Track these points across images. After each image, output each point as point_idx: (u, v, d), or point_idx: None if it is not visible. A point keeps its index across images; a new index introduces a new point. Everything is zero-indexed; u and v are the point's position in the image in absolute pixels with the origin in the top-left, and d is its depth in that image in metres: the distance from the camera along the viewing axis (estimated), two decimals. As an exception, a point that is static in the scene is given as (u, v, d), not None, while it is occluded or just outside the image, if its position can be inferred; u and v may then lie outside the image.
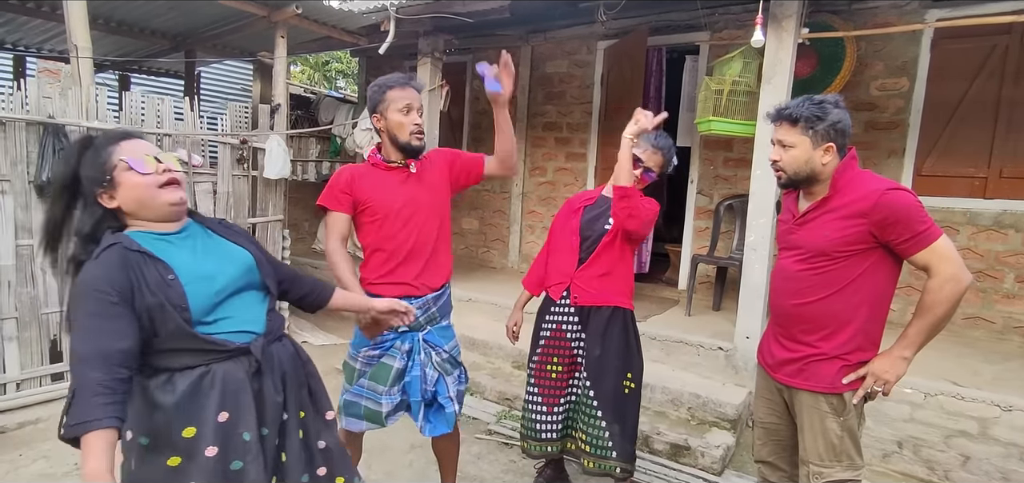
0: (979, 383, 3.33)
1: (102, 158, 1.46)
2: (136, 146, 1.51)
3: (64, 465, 3.13)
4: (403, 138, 2.25)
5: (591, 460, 2.57)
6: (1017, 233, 4.21)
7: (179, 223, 1.56)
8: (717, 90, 4.02)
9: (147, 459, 1.46)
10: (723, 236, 5.12)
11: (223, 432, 1.47)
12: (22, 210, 3.41)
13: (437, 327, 2.40)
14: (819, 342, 1.95)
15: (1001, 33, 4.06)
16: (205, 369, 1.47)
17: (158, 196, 1.48)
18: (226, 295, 1.53)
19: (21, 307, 3.46)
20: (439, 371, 2.36)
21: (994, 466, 3.11)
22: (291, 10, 4.40)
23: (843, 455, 1.94)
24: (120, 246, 1.41)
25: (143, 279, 1.39)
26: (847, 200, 1.89)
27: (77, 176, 1.46)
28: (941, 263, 1.81)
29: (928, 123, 4.46)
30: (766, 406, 2.19)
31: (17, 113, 3.32)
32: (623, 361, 2.57)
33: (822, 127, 1.88)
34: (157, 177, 1.48)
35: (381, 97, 2.26)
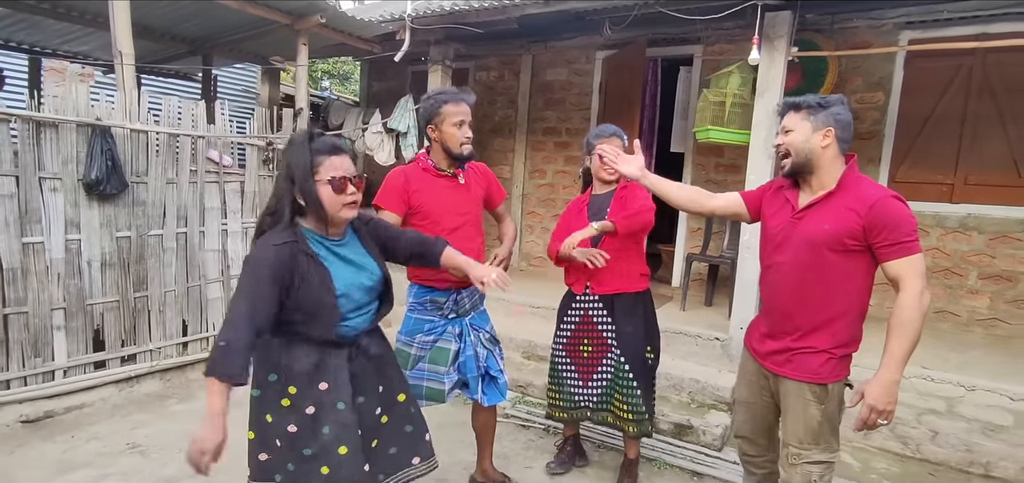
0: (947, 368, 3.74)
1: (313, 164, 1.75)
2: (340, 163, 1.79)
3: (117, 445, 3.35)
4: (455, 149, 2.55)
5: (633, 426, 2.91)
6: (980, 235, 4.66)
7: (342, 232, 1.88)
8: (716, 101, 4.38)
9: (268, 391, 1.82)
10: (715, 236, 5.49)
11: (321, 398, 1.81)
12: (71, 207, 3.61)
13: (478, 312, 2.76)
14: (808, 335, 2.07)
15: (966, 55, 4.50)
16: (318, 350, 1.81)
17: (340, 213, 1.80)
18: (361, 302, 1.87)
19: (69, 298, 3.65)
20: (487, 348, 2.72)
21: (959, 440, 3.51)
22: (315, 19, 4.65)
23: (821, 439, 2.09)
24: (295, 245, 1.73)
25: (304, 278, 1.72)
26: (850, 197, 2.01)
27: (295, 167, 1.75)
28: (912, 278, 1.91)
29: (901, 134, 4.89)
30: (749, 388, 2.36)
31: (68, 115, 3.52)
32: (645, 335, 2.94)
33: (822, 114, 2.04)
34: (346, 198, 1.78)
35: (437, 110, 2.54)
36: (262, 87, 6.88)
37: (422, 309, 2.65)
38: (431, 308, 2.63)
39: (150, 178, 3.98)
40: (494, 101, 7.10)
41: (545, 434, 3.75)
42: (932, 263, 4.82)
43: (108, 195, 3.73)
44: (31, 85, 6.57)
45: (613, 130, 2.95)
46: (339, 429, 1.80)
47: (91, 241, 3.73)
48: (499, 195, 2.87)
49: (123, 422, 3.63)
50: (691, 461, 3.42)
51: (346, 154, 1.83)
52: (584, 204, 3.02)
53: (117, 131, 3.73)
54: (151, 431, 3.53)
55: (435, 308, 2.63)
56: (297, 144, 1.79)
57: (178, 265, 4.20)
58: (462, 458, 3.33)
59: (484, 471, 3.02)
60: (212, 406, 1.58)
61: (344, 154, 1.82)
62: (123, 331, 3.95)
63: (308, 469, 1.80)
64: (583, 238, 2.74)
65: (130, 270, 3.94)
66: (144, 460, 3.22)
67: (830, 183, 2.07)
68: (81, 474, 3.05)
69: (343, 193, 1.78)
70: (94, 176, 3.60)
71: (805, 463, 2.11)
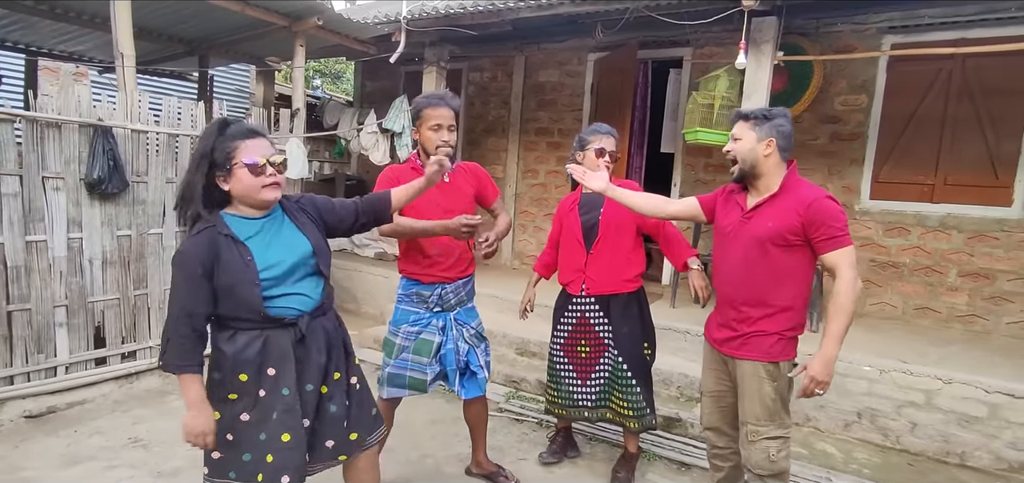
0: (926, 362, 3.87)
1: (228, 149, 1.82)
2: (256, 146, 1.84)
3: (119, 439, 3.42)
4: (430, 151, 2.63)
5: (635, 422, 3.01)
6: (959, 233, 4.81)
7: (267, 210, 1.93)
8: (705, 104, 4.50)
9: (216, 388, 1.86)
10: (703, 235, 5.62)
11: (270, 383, 1.86)
12: (74, 206, 3.68)
13: (465, 308, 2.85)
14: (760, 320, 2.28)
15: (946, 59, 4.64)
16: (260, 333, 1.84)
17: (260, 194, 1.85)
18: (286, 277, 1.88)
19: (71, 295, 3.72)
20: (469, 344, 2.80)
21: (937, 431, 3.65)
22: (312, 21, 4.73)
23: (776, 415, 2.29)
24: (213, 230, 1.81)
25: (224, 260, 1.78)
26: (791, 198, 2.24)
27: (212, 153, 1.81)
28: (846, 267, 2.14)
29: (884, 135, 5.03)
30: (713, 377, 2.52)
31: (71, 116, 3.58)
32: (642, 333, 3.04)
33: (766, 125, 2.26)
34: (264, 179, 1.85)
35: (418, 112, 2.66)
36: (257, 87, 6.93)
37: (409, 301, 2.76)
38: (417, 301, 2.74)
39: (150, 177, 4.05)
40: (487, 102, 7.19)
41: (538, 427, 3.85)
42: (913, 261, 4.98)
43: (109, 194, 3.79)
44: (27, 85, 6.59)
45: (608, 129, 3.03)
46: (283, 415, 1.84)
47: (92, 239, 3.80)
48: (493, 193, 2.94)
49: (124, 417, 3.69)
50: (680, 452, 3.54)
51: (263, 138, 1.89)
52: (575, 203, 3.12)
53: (118, 131, 3.80)
54: (152, 426, 3.59)
55: (420, 301, 2.74)
56: (209, 133, 1.84)
57: (177, 263, 4.26)
58: (458, 451, 3.43)
59: (478, 463, 3.13)
60: (187, 396, 1.79)
61: (260, 138, 1.88)
62: (123, 328, 4.02)
63: (260, 457, 1.84)
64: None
65: (130, 268, 4.01)
66: (147, 454, 3.29)
67: (774, 186, 2.29)
68: (86, 467, 3.12)
69: (261, 175, 1.83)
70: (96, 175, 3.66)
71: (763, 439, 2.30)
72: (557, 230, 3.22)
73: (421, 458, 3.42)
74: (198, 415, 1.78)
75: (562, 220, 3.17)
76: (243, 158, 1.80)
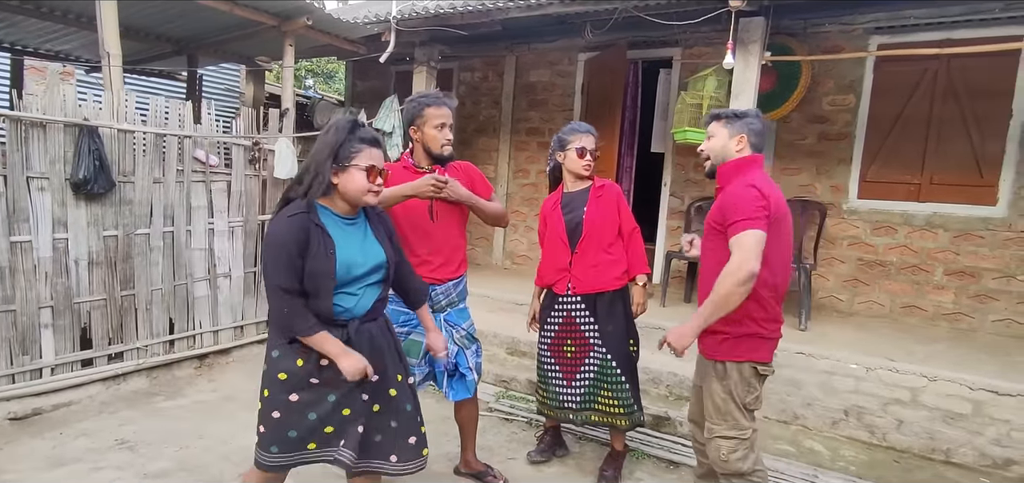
0: (912, 360, 3.90)
1: (353, 149, 1.93)
2: (376, 154, 1.98)
3: (106, 441, 3.40)
4: (436, 150, 2.66)
5: (624, 419, 3.03)
6: (945, 232, 4.85)
7: (356, 212, 2.04)
8: (693, 103, 4.52)
9: (273, 366, 1.98)
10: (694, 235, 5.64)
11: (325, 371, 1.96)
12: (59, 206, 3.65)
13: (456, 309, 2.84)
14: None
15: (932, 60, 4.68)
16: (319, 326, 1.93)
17: (364, 197, 1.97)
18: (358, 279, 2.00)
19: (56, 296, 3.69)
20: (459, 345, 2.80)
21: (922, 428, 3.68)
22: (301, 21, 4.71)
23: (728, 416, 2.28)
24: (306, 217, 1.91)
25: (312, 247, 1.89)
26: (722, 194, 2.31)
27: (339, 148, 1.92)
28: (734, 249, 2.13)
29: (871, 135, 5.07)
30: (699, 371, 2.53)
31: (56, 115, 3.56)
32: (627, 330, 3.05)
33: (739, 123, 2.32)
34: (373, 185, 1.96)
35: (419, 112, 2.65)
36: (247, 87, 6.90)
37: (399, 302, 2.74)
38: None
39: (137, 177, 4.02)
40: (478, 101, 7.19)
41: (528, 427, 3.86)
42: (900, 260, 5.02)
43: (95, 194, 3.77)
44: (13, 84, 6.53)
45: (587, 128, 3.05)
46: (341, 397, 1.98)
47: (78, 240, 3.77)
48: (485, 190, 2.90)
49: (111, 419, 3.67)
50: (668, 451, 3.55)
51: (380, 148, 2.02)
52: (557, 202, 3.12)
53: (104, 131, 3.77)
54: (139, 427, 3.57)
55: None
56: (342, 128, 1.95)
57: (165, 264, 4.24)
58: (447, 450, 3.42)
59: (467, 462, 3.12)
60: (332, 349, 1.91)
61: (379, 148, 2.01)
62: (110, 329, 3.99)
63: (312, 429, 1.97)
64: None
65: (117, 269, 3.98)
66: (133, 455, 3.27)
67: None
68: (71, 469, 3.09)
69: (372, 181, 1.96)
70: (81, 175, 3.63)
71: (715, 437, 2.33)
72: (543, 228, 3.22)
73: (410, 458, 3.42)
74: (350, 356, 1.91)
75: (547, 218, 3.17)
76: (362, 161, 1.92)
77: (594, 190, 3.04)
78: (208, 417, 3.69)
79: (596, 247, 3.00)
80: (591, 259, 3.01)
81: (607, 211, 3.01)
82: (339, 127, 1.95)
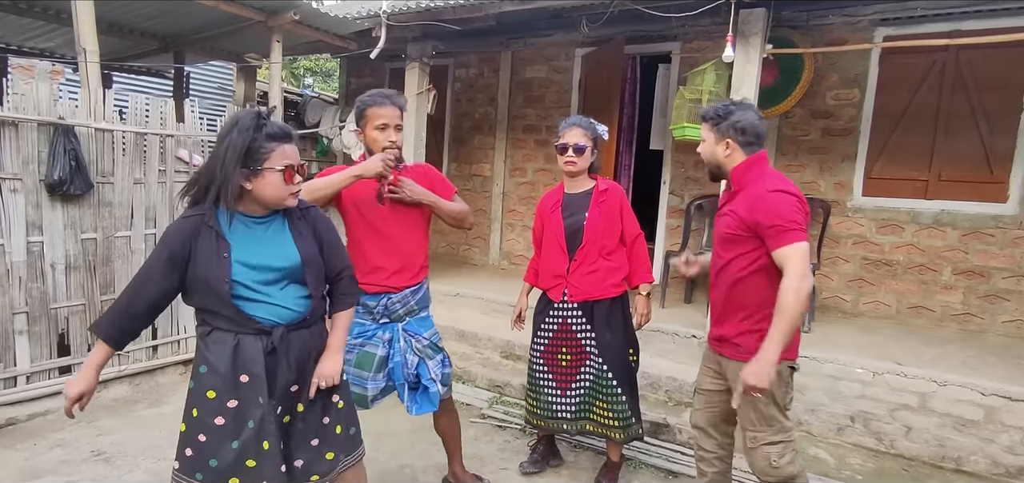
0: (920, 363, 3.76)
1: (264, 150, 1.73)
2: (291, 151, 1.79)
3: (81, 452, 3.27)
4: (376, 152, 2.45)
5: (620, 432, 2.88)
6: (954, 231, 4.70)
7: (267, 211, 1.84)
8: (692, 99, 4.37)
9: (199, 384, 1.82)
10: (694, 233, 5.50)
11: (243, 390, 1.79)
12: (33, 208, 3.51)
13: (416, 318, 2.66)
14: (744, 319, 2.21)
15: (940, 52, 4.53)
16: (233, 335, 1.79)
17: (287, 201, 1.80)
18: (266, 282, 1.81)
19: (31, 302, 3.56)
20: (420, 356, 2.61)
21: (932, 435, 3.54)
22: (288, 16, 4.58)
23: (772, 420, 2.20)
24: (199, 219, 1.74)
25: (200, 251, 1.74)
26: (745, 194, 2.17)
27: (249, 150, 1.71)
28: (790, 264, 2.01)
29: (877, 130, 4.92)
30: (708, 376, 2.44)
31: (29, 114, 3.42)
32: (626, 339, 2.91)
33: (723, 125, 2.20)
34: (293, 186, 1.78)
35: (361, 113, 2.47)
36: (238, 85, 6.77)
37: (356, 311, 2.59)
38: (362, 312, 2.57)
39: (117, 178, 3.89)
40: (474, 98, 7.05)
41: (522, 435, 3.72)
42: (907, 259, 4.86)
43: (72, 196, 3.63)
44: (-3, 83, 6.41)
45: (573, 121, 2.90)
46: (260, 424, 1.78)
47: (54, 243, 3.64)
48: (446, 190, 2.71)
49: (88, 428, 3.54)
50: (667, 460, 3.41)
51: (293, 141, 1.83)
52: (558, 203, 2.97)
53: (81, 130, 3.64)
54: (117, 437, 3.45)
55: (366, 312, 2.58)
56: (247, 126, 1.71)
57: (147, 267, 4.11)
58: (437, 461, 3.28)
59: (455, 473, 2.99)
60: (91, 357, 1.80)
61: (292, 142, 1.82)
62: (89, 335, 3.86)
63: (232, 465, 1.78)
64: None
65: (96, 273, 3.85)
66: (108, 467, 3.14)
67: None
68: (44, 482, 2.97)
69: (290, 182, 1.78)
70: (57, 176, 3.50)
71: (762, 445, 2.22)
72: (540, 228, 3.07)
73: (400, 467, 3.30)
74: (79, 376, 1.78)
75: (544, 219, 3.03)
76: (277, 163, 1.74)
77: (597, 193, 2.87)
78: (190, 426, 3.56)
79: (596, 255, 2.85)
80: (590, 267, 2.86)
81: (610, 216, 2.86)
82: (243, 126, 1.71)
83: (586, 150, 2.83)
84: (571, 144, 2.81)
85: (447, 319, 5.03)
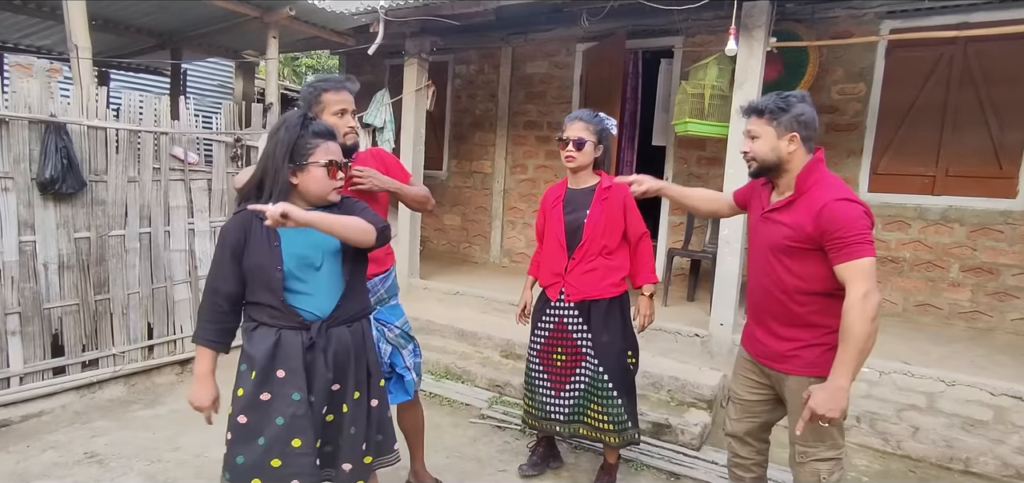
0: (928, 362, 3.69)
1: (309, 146, 1.81)
2: (334, 148, 1.86)
3: (74, 454, 3.22)
4: (338, 140, 2.40)
5: (614, 436, 2.80)
6: (961, 227, 4.62)
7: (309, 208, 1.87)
8: (694, 94, 4.30)
9: (238, 381, 1.88)
10: (696, 231, 5.43)
11: (277, 386, 1.81)
12: (25, 207, 3.47)
13: (387, 306, 2.62)
14: (800, 332, 2.06)
15: (948, 45, 4.44)
16: (275, 330, 1.82)
17: (330, 196, 1.85)
18: (313, 267, 1.86)
19: (24, 302, 3.51)
20: (393, 345, 2.58)
21: (939, 435, 3.47)
22: (284, 12, 4.52)
23: (827, 436, 2.05)
24: (250, 213, 1.82)
25: (253, 241, 1.82)
26: (805, 202, 2.01)
27: (296, 146, 1.80)
28: (854, 281, 1.88)
29: (883, 125, 4.83)
30: (747, 386, 2.31)
31: (20, 112, 3.37)
32: (625, 341, 2.83)
33: (785, 118, 2.03)
34: (336, 181, 1.87)
35: (316, 98, 2.37)
36: (236, 82, 6.72)
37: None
38: None
39: (110, 176, 3.84)
40: (474, 95, 6.99)
41: (522, 435, 3.66)
42: (913, 256, 4.78)
43: (64, 194, 3.58)
44: (-7, 80, 6.38)
45: (576, 115, 2.84)
46: (292, 420, 1.80)
47: (47, 242, 3.59)
48: (403, 175, 2.65)
49: (82, 430, 3.49)
50: (669, 461, 3.35)
51: (335, 140, 1.89)
52: (560, 199, 2.90)
53: (73, 128, 3.59)
54: (112, 439, 3.40)
55: None
56: (294, 124, 1.82)
57: (142, 266, 4.06)
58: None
59: (416, 473, 2.91)
60: (195, 368, 1.92)
61: (335, 140, 1.89)
62: (83, 335, 3.82)
63: (258, 461, 1.80)
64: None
65: (90, 272, 3.80)
66: (102, 469, 3.09)
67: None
68: (34, 486, 2.93)
69: (334, 178, 1.85)
70: (48, 175, 3.45)
71: (813, 461, 2.08)
72: (542, 221, 3.00)
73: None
74: (199, 389, 1.90)
75: (546, 213, 2.96)
76: (321, 158, 1.81)
77: (600, 191, 2.79)
78: (185, 427, 3.51)
79: (596, 253, 2.78)
80: (589, 265, 2.79)
81: (612, 215, 2.77)
82: (290, 124, 1.82)
83: (587, 144, 2.76)
84: (572, 138, 2.75)
85: (447, 318, 4.97)
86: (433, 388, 4.26)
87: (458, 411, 4.02)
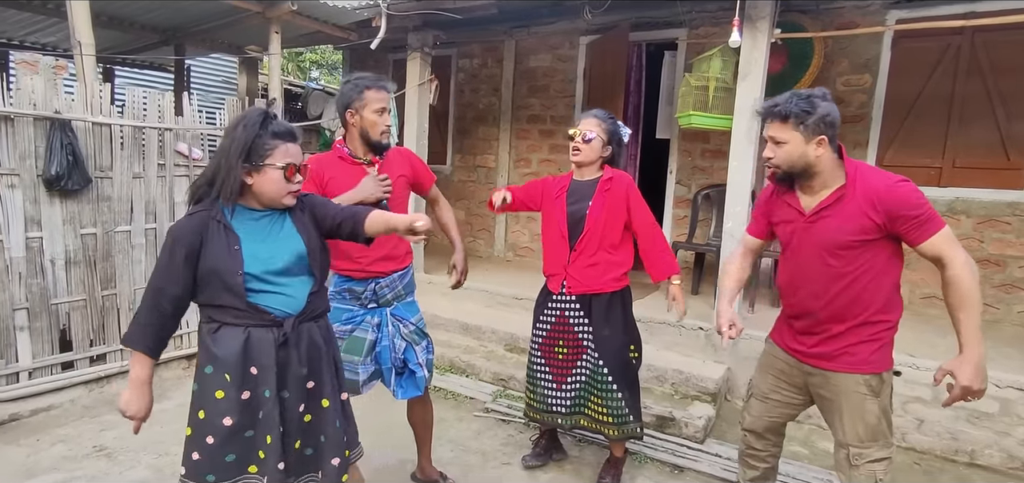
0: (934, 355, 3.66)
1: (267, 147, 1.75)
2: (293, 150, 1.79)
3: (83, 448, 3.26)
4: (375, 136, 2.44)
5: (614, 429, 2.81)
6: (968, 218, 4.59)
7: (264, 208, 1.84)
8: (697, 86, 4.28)
9: (204, 386, 1.79)
10: (701, 224, 5.41)
11: (252, 383, 1.77)
12: (31, 203, 3.49)
13: (403, 303, 2.65)
14: (853, 329, 2.02)
15: (954, 34, 4.40)
16: (243, 329, 1.76)
17: (284, 200, 1.79)
18: (276, 273, 1.79)
19: (32, 298, 3.54)
20: (407, 341, 2.61)
21: (944, 428, 3.45)
22: (286, 6, 4.53)
23: (880, 435, 2.03)
24: (206, 214, 1.75)
25: (211, 245, 1.73)
26: (857, 194, 1.96)
27: (252, 146, 1.73)
28: (949, 250, 1.87)
29: (889, 117, 4.80)
30: (773, 384, 2.27)
31: (25, 109, 3.39)
32: (627, 335, 2.83)
33: (812, 121, 1.94)
34: (292, 185, 1.79)
35: (359, 95, 2.42)
36: (240, 78, 6.73)
37: (341, 298, 2.57)
38: (349, 298, 2.56)
39: (115, 173, 3.86)
40: (477, 89, 6.98)
41: (526, 429, 3.67)
42: (919, 248, 4.75)
43: (70, 191, 3.61)
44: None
45: (593, 112, 2.85)
46: (265, 418, 1.78)
47: (54, 239, 3.62)
48: (428, 178, 2.74)
49: (91, 424, 3.53)
50: (672, 454, 3.35)
51: (297, 142, 1.83)
52: (564, 190, 2.89)
53: (78, 124, 3.61)
54: (120, 432, 3.43)
55: (354, 297, 2.56)
56: (252, 123, 1.75)
57: (148, 262, 4.09)
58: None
59: (423, 468, 2.94)
60: (131, 373, 1.79)
61: (297, 141, 1.82)
62: (91, 330, 3.85)
63: (246, 456, 1.79)
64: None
65: (97, 268, 3.83)
66: (111, 463, 3.13)
67: (833, 182, 2.02)
68: (44, 480, 2.96)
69: (291, 181, 1.79)
70: (54, 172, 3.48)
71: (868, 462, 2.05)
72: (539, 192, 2.95)
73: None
74: (133, 397, 1.77)
75: (545, 194, 2.92)
76: (279, 160, 1.75)
77: (602, 182, 2.79)
78: (191, 421, 3.54)
79: (598, 245, 2.77)
80: (590, 258, 2.78)
81: (615, 206, 2.76)
82: (249, 122, 1.74)
83: (595, 141, 2.77)
84: (580, 132, 2.75)
85: (451, 311, 4.99)
86: (438, 382, 4.28)
87: (462, 405, 4.04)
